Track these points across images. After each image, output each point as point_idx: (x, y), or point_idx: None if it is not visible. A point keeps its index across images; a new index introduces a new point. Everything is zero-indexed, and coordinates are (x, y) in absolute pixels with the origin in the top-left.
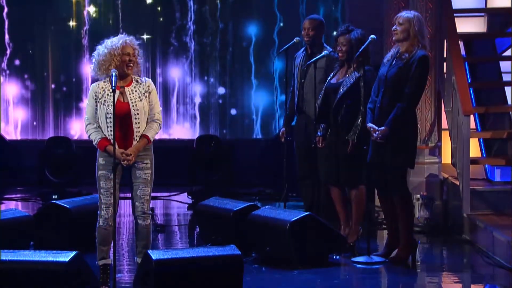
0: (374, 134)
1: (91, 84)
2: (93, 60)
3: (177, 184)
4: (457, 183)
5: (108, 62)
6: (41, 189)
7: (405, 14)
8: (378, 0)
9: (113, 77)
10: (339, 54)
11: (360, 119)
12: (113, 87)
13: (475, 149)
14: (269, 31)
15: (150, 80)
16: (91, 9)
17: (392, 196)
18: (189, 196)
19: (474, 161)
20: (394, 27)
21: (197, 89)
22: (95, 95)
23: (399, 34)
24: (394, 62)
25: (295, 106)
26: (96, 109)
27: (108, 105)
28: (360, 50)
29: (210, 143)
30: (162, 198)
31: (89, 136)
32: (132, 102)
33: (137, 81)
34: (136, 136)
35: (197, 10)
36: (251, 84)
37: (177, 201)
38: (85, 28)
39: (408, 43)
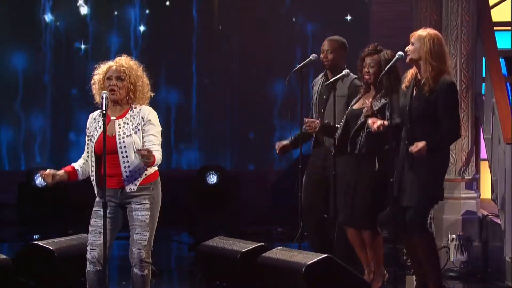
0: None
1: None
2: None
3: (176, 222)
4: (499, 221)
5: (97, 87)
6: (20, 228)
7: (418, 32)
8: (406, 13)
9: (104, 100)
10: (366, 76)
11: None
12: (104, 111)
13: None
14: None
15: (149, 107)
16: None
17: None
18: (190, 236)
19: None
20: (408, 46)
21: None
22: (88, 128)
23: (410, 55)
24: (415, 93)
25: (313, 138)
26: (86, 144)
27: (93, 142)
28: (384, 70)
29: (214, 174)
30: (159, 237)
31: None
32: (120, 137)
33: (133, 111)
34: (125, 175)
35: None
36: None
37: (176, 241)
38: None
39: (424, 68)
